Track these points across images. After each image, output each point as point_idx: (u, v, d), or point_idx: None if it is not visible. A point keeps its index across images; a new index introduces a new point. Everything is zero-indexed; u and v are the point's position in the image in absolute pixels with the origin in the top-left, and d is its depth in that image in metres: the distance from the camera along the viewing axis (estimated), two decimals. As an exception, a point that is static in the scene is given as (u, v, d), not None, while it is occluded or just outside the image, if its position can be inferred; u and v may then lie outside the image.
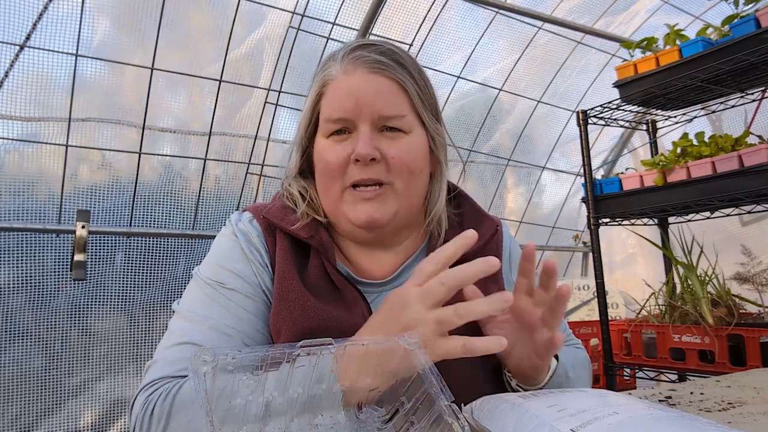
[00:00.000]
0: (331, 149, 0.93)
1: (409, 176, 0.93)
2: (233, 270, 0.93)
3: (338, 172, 0.92)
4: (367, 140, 0.90)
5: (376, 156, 0.90)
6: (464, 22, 3.40)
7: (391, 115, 0.92)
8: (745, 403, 0.97)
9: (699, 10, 3.64)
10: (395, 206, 0.93)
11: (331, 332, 0.88)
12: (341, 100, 0.92)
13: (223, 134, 3.03)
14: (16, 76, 2.41)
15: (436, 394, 0.67)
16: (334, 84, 0.94)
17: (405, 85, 0.94)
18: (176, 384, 0.80)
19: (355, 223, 0.92)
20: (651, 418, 0.62)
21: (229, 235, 0.97)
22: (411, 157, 0.93)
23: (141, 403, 0.80)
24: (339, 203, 0.94)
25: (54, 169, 2.58)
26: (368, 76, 0.92)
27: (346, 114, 0.91)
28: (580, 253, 4.56)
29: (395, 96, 0.93)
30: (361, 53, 0.94)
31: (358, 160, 0.90)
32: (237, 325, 0.89)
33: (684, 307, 2.27)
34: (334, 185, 0.93)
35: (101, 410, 2.71)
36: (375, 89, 0.92)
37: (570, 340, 1.15)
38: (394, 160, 0.91)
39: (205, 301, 0.90)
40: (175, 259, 2.89)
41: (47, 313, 2.58)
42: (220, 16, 2.79)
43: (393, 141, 0.92)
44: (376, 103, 0.91)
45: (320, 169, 0.96)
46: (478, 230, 1.03)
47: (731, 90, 2.48)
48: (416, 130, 0.96)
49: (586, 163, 2.66)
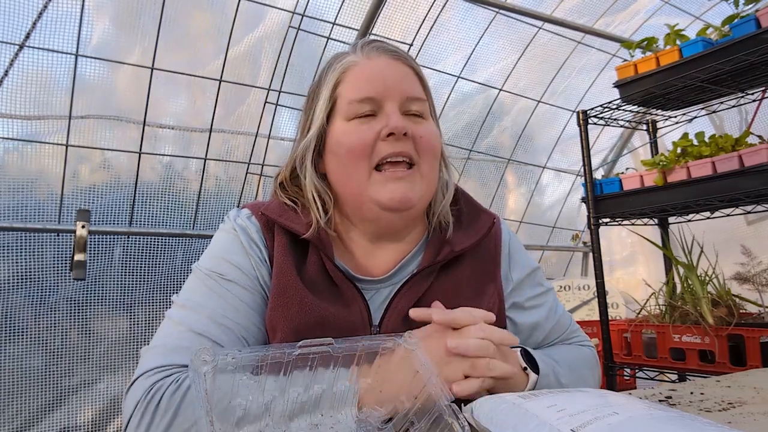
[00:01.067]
0: (356, 130, 0.93)
1: (433, 159, 0.96)
2: (232, 262, 0.93)
3: (365, 152, 0.92)
4: (399, 116, 0.92)
5: (408, 131, 0.92)
6: (464, 22, 3.40)
7: (416, 97, 0.96)
8: (745, 403, 0.97)
9: (699, 10, 3.64)
10: (422, 189, 0.94)
11: (328, 329, 0.88)
12: (368, 81, 0.94)
13: (223, 133, 3.03)
14: (16, 75, 2.41)
15: (437, 394, 0.67)
16: (357, 68, 0.96)
17: (420, 75, 0.99)
18: (188, 377, 0.79)
19: (389, 203, 0.91)
20: (651, 418, 0.62)
21: (229, 230, 0.97)
22: (435, 139, 0.97)
23: (144, 389, 0.78)
24: (366, 186, 0.93)
25: (54, 168, 2.58)
26: (392, 61, 0.97)
27: (374, 93, 0.93)
28: (580, 253, 4.56)
29: (415, 82, 0.98)
30: (380, 44, 0.99)
31: (391, 134, 0.91)
32: (234, 316, 0.89)
33: (684, 307, 2.27)
34: (361, 166, 0.92)
35: (100, 408, 2.71)
36: (400, 72, 0.96)
37: (574, 337, 1.14)
38: (423, 139, 0.94)
39: (204, 292, 0.90)
40: (175, 258, 2.89)
41: (47, 312, 2.58)
42: (219, 16, 2.79)
43: (417, 123, 0.96)
44: (402, 84, 0.95)
45: (342, 152, 0.94)
46: (475, 225, 1.03)
47: (731, 90, 2.48)
48: (431, 120, 1.00)
49: (586, 162, 2.66)
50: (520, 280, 1.06)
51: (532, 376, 0.91)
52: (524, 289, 1.07)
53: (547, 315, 1.07)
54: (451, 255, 0.97)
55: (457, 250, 0.98)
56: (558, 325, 1.09)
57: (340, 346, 0.69)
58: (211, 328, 0.86)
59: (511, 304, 1.04)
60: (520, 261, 1.08)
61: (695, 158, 2.31)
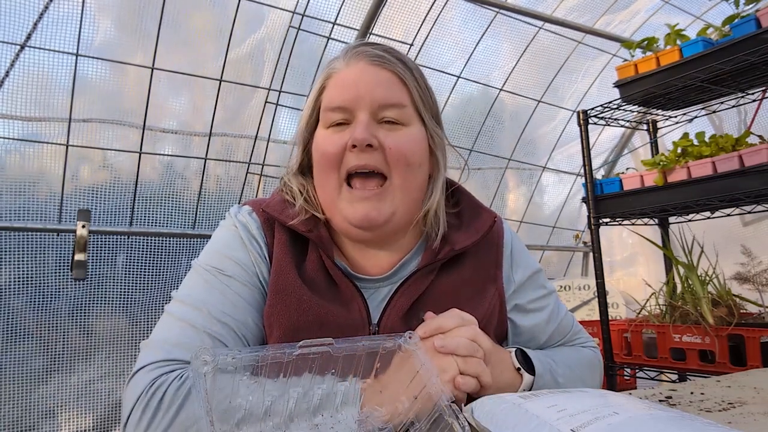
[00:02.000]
0: (330, 138, 0.93)
1: (407, 168, 0.92)
2: (232, 257, 0.93)
3: (335, 161, 0.92)
4: (365, 126, 0.90)
5: (373, 142, 0.90)
6: (465, 22, 3.40)
7: (389, 104, 0.92)
8: (745, 403, 0.97)
9: (699, 10, 3.64)
10: (393, 207, 0.92)
11: (327, 327, 0.88)
12: (341, 90, 0.93)
13: (224, 134, 3.03)
14: (17, 75, 2.41)
15: (436, 394, 0.67)
16: (336, 76, 0.95)
17: (404, 78, 0.95)
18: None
19: (352, 221, 0.91)
20: (651, 418, 0.62)
21: (229, 226, 0.98)
22: (409, 148, 0.93)
23: (147, 383, 0.77)
24: (336, 199, 0.93)
25: (55, 168, 2.58)
26: (368, 67, 0.94)
27: (345, 102, 0.92)
28: (580, 253, 4.56)
29: (394, 87, 0.94)
30: (364, 48, 0.96)
31: (354, 146, 0.89)
32: (233, 312, 0.89)
33: (684, 307, 2.27)
34: (331, 176, 0.92)
35: (102, 411, 2.71)
36: (375, 79, 0.93)
37: (577, 339, 1.13)
38: (392, 150, 0.91)
39: (204, 287, 0.90)
40: (176, 258, 2.89)
41: (47, 312, 2.58)
42: (220, 16, 2.79)
43: (391, 132, 0.93)
44: (375, 92, 0.92)
45: (317, 159, 0.95)
46: (475, 223, 1.03)
47: (731, 90, 2.48)
48: (415, 125, 0.96)
49: (587, 163, 2.66)
50: (522, 282, 1.05)
51: (526, 377, 0.91)
52: (526, 291, 1.06)
53: (549, 318, 1.07)
54: (452, 254, 0.97)
55: (457, 249, 0.97)
56: (560, 327, 1.09)
57: (340, 346, 0.69)
58: (212, 325, 0.86)
59: (513, 306, 1.03)
60: (522, 262, 1.07)
61: (695, 158, 2.31)
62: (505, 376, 0.90)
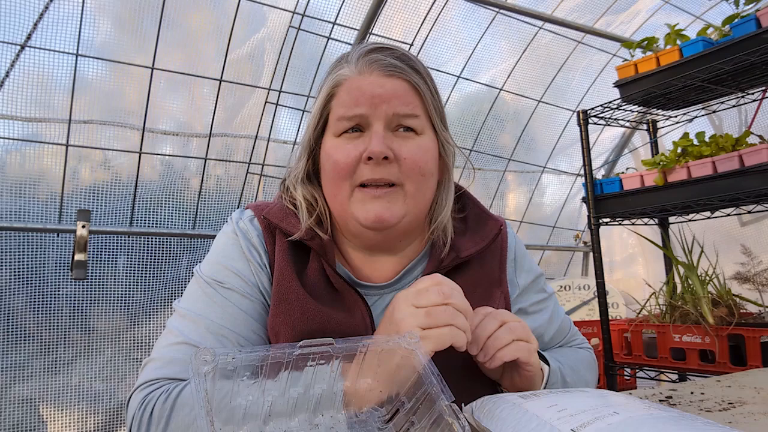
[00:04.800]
0: (342, 148, 0.92)
1: (420, 178, 0.92)
2: (232, 269, 0.93)
3: (348, 171, 0.91)
4: (381, 138, 0.90)
5: (389, 155, 0.89)
6: (465, 22, 3.40)
7: (405, 113, 0.92)
8: (745, 403, 0.97)
9: (699, 10, 3.64)
10: (404, 209, 0.92)
11: (331, 335, 0.88)
12: (356, 98, 0.91)
13: (224, 134, 3.03)
14: (17, 75, 2.41)
15: (437, 394, 0.67)
16: (348, 83, 0.93)
17: (419, 88, 0.94)
18: (177, 386, 0.80)
19: (364, 222, 0.91)
20: (651, 418, 0.62)
21: (230, 233, 0.98)
22: (423, 158, 0.93)
23: (138, 402, 0.81)
24: (348, 203, 0.92)
25: (55, 168, 2.58)
26: (383, 78, 0.92)
27: (359, 112, 0.91)
28: (580, 253, 4.56)
29: (410, 97, 0.93)
30: (376, 56, 0.94)
31: (370, 158, 0.89)
32: (233, 326, 0.89)
33: (684, 307, 2.27)
34: (343, 185, 0.92)
35: (104, 412, 2.70)
36: (390, 89, 0.92)
37: (574, 340, 1.15)
38: (407, 160, 0.91)
39: (204, 301, 0.91)
40: (176, 258, 2.89)
41: (47, 312, 2.58)
42: (220, 16, 2.79)
43: (405, 141, 0.92)
44: (391, 103, 0.91)
45: (328, 168, 0.94)
46: (481, 231, 1.03)
47: (731, 90, 2.48)
48: (428, 133, 0.95)
49: (587, 162, 2.66)
50: (525, 285, 1.07)
51: (545, 367, 0.93)
52: (529, 295, 1.07)
53: (550, 319, 1.08)
54: (457, 261, 0.97)
55: (462, 256, 0.97)
56: (560, 329, 1.10)
57: (340, 346, 0.69)
58: (209, 340, 0.87)
59: (516, 310, 1.05)
60: (525, 266, 1.09)
61: (695, 158, 2.31)
62: (535, 358, 0.89)
